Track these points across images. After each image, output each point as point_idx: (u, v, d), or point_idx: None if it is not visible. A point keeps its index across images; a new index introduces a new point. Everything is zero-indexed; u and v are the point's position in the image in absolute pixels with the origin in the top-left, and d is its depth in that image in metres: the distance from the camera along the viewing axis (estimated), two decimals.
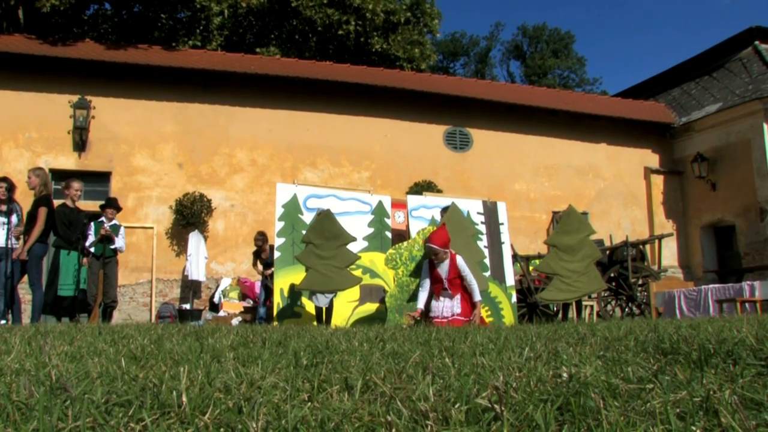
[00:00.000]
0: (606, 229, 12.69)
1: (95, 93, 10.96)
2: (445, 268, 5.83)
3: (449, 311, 5.74)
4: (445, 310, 5.76)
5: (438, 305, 5.82)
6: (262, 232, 9.22)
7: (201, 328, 4.12)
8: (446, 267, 5.83)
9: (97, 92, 10.98)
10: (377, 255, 7.52)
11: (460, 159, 13.13)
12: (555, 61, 36.01)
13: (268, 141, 11.93)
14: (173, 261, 11.02)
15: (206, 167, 11.51)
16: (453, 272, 5.82)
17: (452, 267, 5.83)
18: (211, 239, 11.25)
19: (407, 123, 12.87)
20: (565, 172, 13.80)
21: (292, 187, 7.61)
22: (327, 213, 6.73)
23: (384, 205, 7.94)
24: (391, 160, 12.62)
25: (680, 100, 15.47)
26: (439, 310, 5.79)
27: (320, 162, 12.17)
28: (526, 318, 8.38)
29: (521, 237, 12.53)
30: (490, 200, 8.56)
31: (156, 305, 10.54)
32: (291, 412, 1.21)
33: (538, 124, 13.66)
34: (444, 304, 5.80)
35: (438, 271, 5.85)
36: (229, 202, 11.49)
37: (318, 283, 6.42)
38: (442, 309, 5.77)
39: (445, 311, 5.75)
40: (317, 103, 12.26)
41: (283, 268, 7.12)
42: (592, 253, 6.97)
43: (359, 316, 7.27)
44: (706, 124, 13.90)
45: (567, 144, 13.91)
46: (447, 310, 5.75)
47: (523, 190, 13.39)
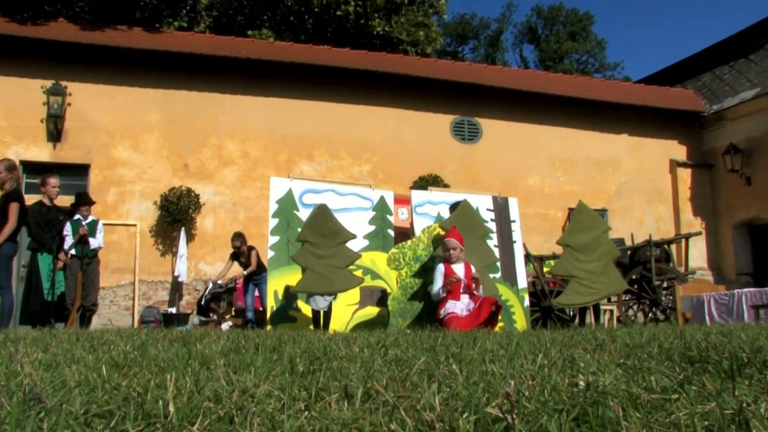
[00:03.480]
0: (627, 228, 12.68)
1: (71, 78, 10.94)
2: (461, 268, 5.95)
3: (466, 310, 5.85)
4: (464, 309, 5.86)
5: (456, 304, 5.92)
6: (239, 233, 9.26)
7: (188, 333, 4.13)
8: (462, 268, 5.96)
9: (73, 77, 10.95)
10: (379, 255, 7.53)
11: (469, 151, 13.12)
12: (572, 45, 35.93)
13: (261, 131, 11.94)
14: (158, 261, 11.04)
15: (194, 160, 11.52)
16: (469, 272, 6.01)
17: (468, 269, 6.06)
18: (199, 237, 11.26)
19: (411, 112, 12.86)
20: (583, 166, 13.78)
21: (287, 182, 7.61)
22: (322, 208, 6.74)
23: (386, 200, 7.95)
24: (394, 152, 12.61)
25: (711, 85, 15.27)
26: (458, 309, 5.88)
27: (317, 154, 12.18)
28: (540, 323, 8.38)
29: (534, 236, 12.52)
30: (500, 196, 8.55)
31: (139, 309, 10.57)
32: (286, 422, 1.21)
33: (554, 113, 13.63)
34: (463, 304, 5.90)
35: (455, 272, 5.95)
36: (219, 197, 11.50)
37: (316, 284, 6.43)
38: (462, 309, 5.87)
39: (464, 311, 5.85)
40: (314, 91, 12.26)
41: (278, 268, 7.13)
42: (609, 251, 6.97)
43: (359, 321, 7.28)
44: (740, 111, 13.73)
45: (585, 135, 13.89)
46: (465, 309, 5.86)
47: (536, 185, 13.38)
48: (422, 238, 7.41)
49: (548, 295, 8.49)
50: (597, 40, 36.58)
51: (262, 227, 10.78)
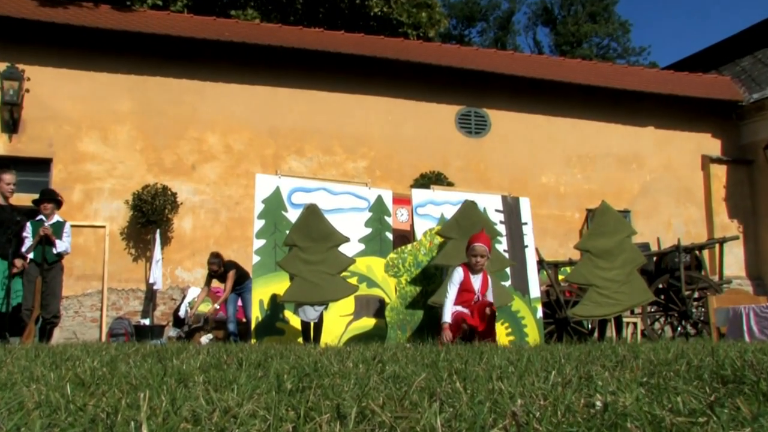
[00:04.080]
0: (653, 231, 12.69)
1: (29, 61, 10.88)
2: (479, 280, 5.97)
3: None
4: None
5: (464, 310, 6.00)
6: (216, 254, 9.17)
7: (164, 348, 4.13)
8: (480, 280, 5.98)
9: (31, 60, 10.90)
10: (375, 260, 7.53)
11: (476, 146, 13.14)
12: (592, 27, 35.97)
13: (246, 123, 11.95)
14: (129, 267, 11.03)
15: (170, 154, 11.52)
16: (485, 288, 6.05)
17: (485, 281, 6.08)
18: (176, 241, 11.26)
19: (412, 102, 12.87)
20: (603, 162, 13.81)
21: (275, 179, 7.62)
22: (312, 208, 6.75)
23: (384, 200, 7.96)
24: (393, 146, 12.63)
25: (751, 71, 15.14)
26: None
27: (308, 149, 12.19)
28: (555, 337, 8.40)
29: (549, 239, 12.54)
30: (511, 195, 8.57)
31: (107, 321, 10.55)
32: None
33: (571, 103, 13.66)
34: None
35: (472, 282, 5.95)
36: (199, 196, 11.50)
37: (305, 293, 6.44)
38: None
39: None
40: (304, 79, 12.27)
41: (263, 275, 7.14)
42: (634, 257, 6.99)
43: (354, 333, 7.29)
44: None
45: (606, 128, 13.92)
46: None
47: (551, 184, 13.41)
48: (424, 242, 7.43)
49: (564, 306, 8.50)
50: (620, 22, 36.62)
51: (246, 229, 10.78)
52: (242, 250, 11.10)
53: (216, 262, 9.02)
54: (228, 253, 11.11)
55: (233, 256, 11.12)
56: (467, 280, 5.95)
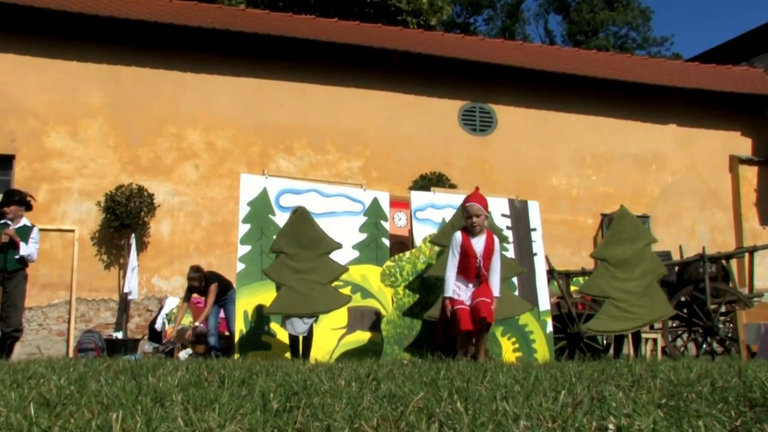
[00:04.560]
0: (675, 238, 12.70)
1: None
2: (481, 242, 5.88)
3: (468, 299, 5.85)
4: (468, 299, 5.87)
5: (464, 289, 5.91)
6: (197, 268, 9.08)
7: (138, 364, 4.13)
8: (483, 241, 5.88)
9: None
10: (371, 268, 7.54)
11: (481, 144, 13.16)
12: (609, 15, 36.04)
13: (230, 118, 11.95)
14: (101, 275, 11.02)
15: (147, 152, 11.52)
16: (489, 249, 5.89)
17: (489, 243, 5.90)
18: (153, 246, 11.26)
19: (412, 97, 12.90)
20: (620, 163, 13.85)
21: (261, 180, 7.63)
22: (301, 212, 6.76)
23: (380, 203, 7.97)
24: (391, 145, 12.65)
25: None
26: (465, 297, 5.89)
27: (298, 147, 12.20)
28: (566, 353, 8.41)
29: (560, 247, 12.56)
30: (518, 198, 8.59)
31: (76, 334, 10.51)
32: None
33: (585, 98, 13.70)
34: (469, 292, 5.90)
35: (473, 245, 5.87)
36: (178, 197, 11.50)
37: (293, 304, 6.44)
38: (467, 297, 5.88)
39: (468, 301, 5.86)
40: (294, 70, 12.29)
41: (248, 285, 7.14)
42: (654, 268, 7.00)
43: (347, 348, 7.29)
44: None
45: (623, 125, 13.96)
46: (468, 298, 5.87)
47: (562, 186, 13.44)
48: (423, 249, 7.44)
49: (576, 320, 8.51)
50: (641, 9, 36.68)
51: (230, 234, 10.78)
52: (225, 256, 11.10)
53: (197, 277, 8.93)
54: (210, 261, 11.13)
55: (215, 263, 11.13)
56: (466, 243, 5.88)
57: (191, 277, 8.96)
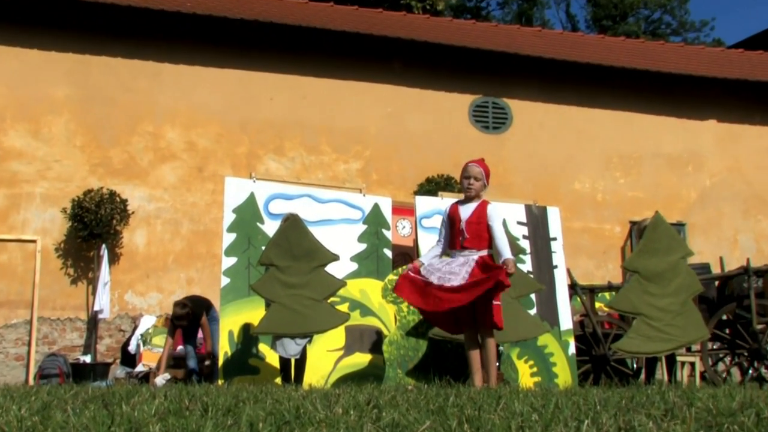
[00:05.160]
0: (714, 249, 12.68)
1: None
2: (470, 209, 5.86)
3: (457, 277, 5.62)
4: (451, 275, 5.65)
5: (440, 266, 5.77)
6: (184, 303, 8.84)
7: (110, 391, 4.14)
8: (471, 208, 5.86)
9: None
10: (371, 282, 7.56)
11: (494, 144, 13.18)
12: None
13: (213, 115, 11.98)
14: (67, 291, 11.00)
15: (119, 152, 11.53)
16: (477, 215, 5.82)
17: (480, 208, 5.86)
18: (127, 258, 11.26)
19: (417, 91, 12.92)
20: (651, 164, 13.85)
21: (248, 184, 7.65)
22: (293, 220, 6.77)
23: (382, 210, 7.99)
24: (393, 144, 12.67)
25: None
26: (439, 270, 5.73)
27: (289, 147, 12.22)
28: (591, 378, 8.41)
29: (583, 258, 12.56)
30: (536, 204, 8.60)
31: (37, 358, 10.48)
32: None
33: (612, 92, 13.72)
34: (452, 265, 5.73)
35: (459, 211, 5.88)
36: (155, 203, 11.52)
37: (284, 323, 6.45)
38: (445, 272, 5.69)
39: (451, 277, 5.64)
40: (286, 61, 12.32)
41: (234, 301, 7.15)
42: (689, 284, 6.99)
43: (344, 372, 7.30)
44: None
45: (655, 121, 13.96)
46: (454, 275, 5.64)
47: (586, 191, 13.45)
48: None
49: (602, 341, 8.51)
50: None
51: (213, 245, 10.80)
52: (208, 269, 11.12)
53: (185, 315, 8.70)
54: (191, 274, 11.16)
55: (197, 277, 11.16)
56: (454, 211, 5.90)
57: (179, 316, 8.72)
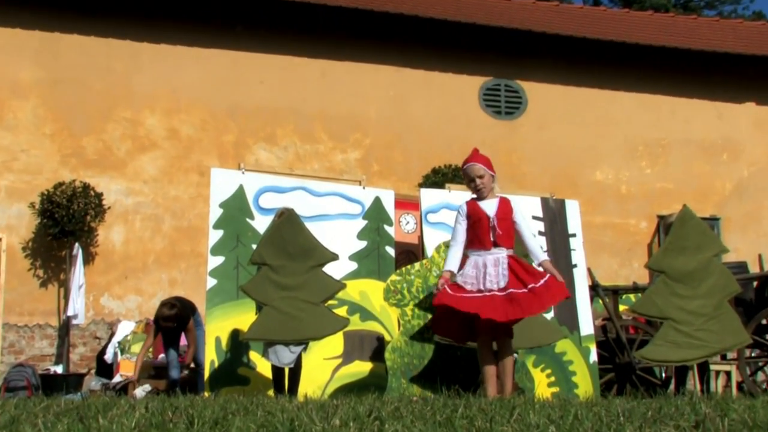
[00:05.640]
0: (752, 246, 12.62)
1: None
2: (493, 204, 5.91)
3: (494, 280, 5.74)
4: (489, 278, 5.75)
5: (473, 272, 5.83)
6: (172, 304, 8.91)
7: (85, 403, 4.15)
8: (493, 204, 5.92)
9: None
10: (372, 284, 7.57)
11: (507, 130, 13.18)
12: None
13: (197, 99, 11.97)
14: (36, 295, 11.00)
15: (94, 141, 11.54)
16: (502, 212, 5.90)
17: (503, 205, 5.94)
18: (102, 258, 11.27)
19: (422, 73, 12.92)
20: (682, 152, 13.83)
21: (237, 175, 7.65)
22: (288, 215, 6.78)
23: (383, 204, 7.99)
24: (396, 131, 12.67)
25: None
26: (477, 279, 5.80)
27: (282, 135, 12.21)
28: (615, 388, 8.42)
29: (605, 256, 12.56)
30: (554, 197, 8.59)
31: (2, 369, 10.49)
32: None
33: (637, 73, 13.70)
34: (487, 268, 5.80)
35: (481, 208, 5.91)
36: (133, 197, 11.52)
37: (278, 328, 6.45)
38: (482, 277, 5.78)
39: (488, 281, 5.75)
40: (277, 40, 12.31)
41: (221, 304, 7.15)
42: (724, 284, 6.98)
43: (343, 381, 7.31)
44: None
45: (686, 105, 13.95)
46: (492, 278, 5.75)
47: (608, 182, 13.44)
48: (436, 259, 7.44)
49: (627, 347, 8.52)
50: None
51: (198, 243, 10.80)
52: (192, 270, 11.12)
53: (173, 316, 8.65)
54: (174, 275, 11.17)
55: (180, 278, 11.17)
56: (474, 208, 5.92)
57: (166, 317, 8.63)
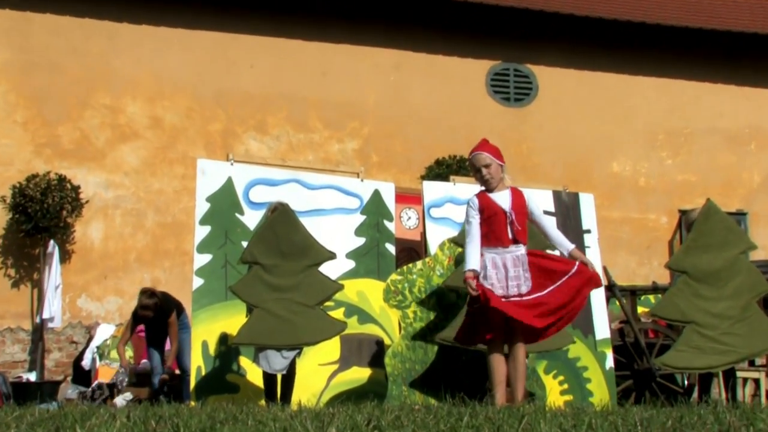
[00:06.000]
0: None
1: None
2: (505, 196, 5.90)
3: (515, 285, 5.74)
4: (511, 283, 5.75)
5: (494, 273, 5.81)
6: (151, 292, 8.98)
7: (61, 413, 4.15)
8: (505, 196, 5.90)
9: None
10: (371, 284, 7.58)
11: (516, 118, 13.17)
12: None
13: (182, 85, 11.96)
14: (7, 296, 10.99)
15: (69, 130, 11.52)
16: (516, 205, 5.89)
17: (516, 197, 5.93)
18: (80, 256, 11.26)
19: (425, 56, 12.90)
20: (706, 141, 13.81)
21: (225, 167, 7.65)
22: (281, 211, 6.78)
23: (383, 198, 7.99)
24: (397, 120, 12.66)
25: None
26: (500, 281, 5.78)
27: (273, 123, 12.20)
28: (633, 396, 8.44)
29: (623, 254, 12.57)
30: (566, 190, 8.60)
31: None
32: None
33: (658, 56, 13.68)
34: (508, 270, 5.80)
35: (494, 201, 5.91)
36: (113, 191, 11.51)
37: (270, 332, 6.46)
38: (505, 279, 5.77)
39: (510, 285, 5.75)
40: (269, 21, 12.28)
41: (208, 306, 7.16)
42: (752, 283, 6.98)
43: (340, 389, 7.31)
44: None
45: (710, 90, 13.93)
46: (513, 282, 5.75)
47: (626, 174, 13.43)
48: (440, 257, 7.45)
49: (646, 352, 8.53)
50: None
51: (183, 240, 10.82)
52: (177, 269, 11.12)
53: (151, 305, 8.84)
54: (157, 275, 11.17)
55: (164, 278, 11.17)
56: (487, 201, 5.89)
57: (145, 305, 8.82)
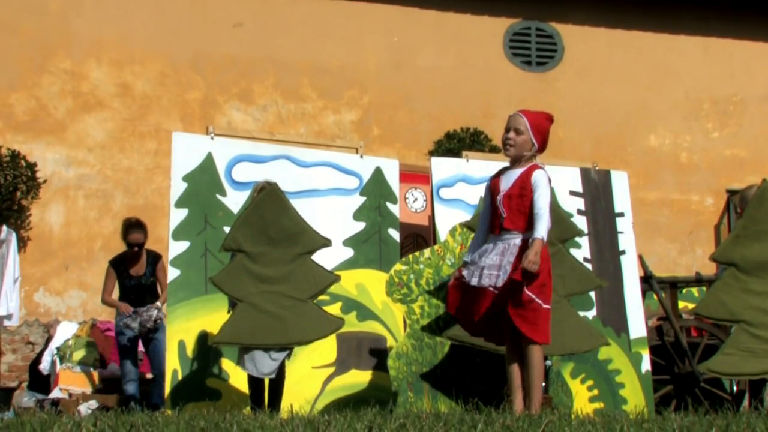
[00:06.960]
0: None
1: None
2: (512, 176, 5.99)
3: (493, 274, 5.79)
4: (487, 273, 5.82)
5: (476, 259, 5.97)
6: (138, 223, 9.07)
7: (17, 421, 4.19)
8: (514, 175, 5.98)
9: None
10: (372, 275, 7.62)
11: (539, 84, 13.18)
12: None
13: (155, 47, 11.98)
14: None
15: (25, 98, 11.55)
16: (520, 185, 5.93)
17: (524, 175, 5.97)
18: (37, 244, 11.30)
19: (433, 13, 12.90)
20: (758, 111, 13.82)
21: (205, 141, 7.66)
22: (270, 191, 6.80)
23: (386, 176, 8.01)
24: (402, 87, 12.67)
25: None
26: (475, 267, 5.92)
27: (260, 91, 12.21)
28: (673, 403, 8.47)
29: (661, 241, 12.60)
30: (596, 166, 8.61)
31: None
32: None
33: (701, 13, 13.65)
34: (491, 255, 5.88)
35: (500, 181, 6.01)
36: (76, 168, 11.54)
37: (256, 331, 6.49)
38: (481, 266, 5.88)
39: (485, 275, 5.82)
40: None
41: (186, 301, 7.19)
42: None
43: (337, 395, 7.35)
44: None
45: (762, 52, 13.92)
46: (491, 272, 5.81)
47: (665, 148, 13.44)
48: (451, 244, 7.46)
49: (689, 354, 8.56)
50: None
51: (156, 224, 10.79)
52: None
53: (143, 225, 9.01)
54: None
55: None
56: (494, 182, 6.05)
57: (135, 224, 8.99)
